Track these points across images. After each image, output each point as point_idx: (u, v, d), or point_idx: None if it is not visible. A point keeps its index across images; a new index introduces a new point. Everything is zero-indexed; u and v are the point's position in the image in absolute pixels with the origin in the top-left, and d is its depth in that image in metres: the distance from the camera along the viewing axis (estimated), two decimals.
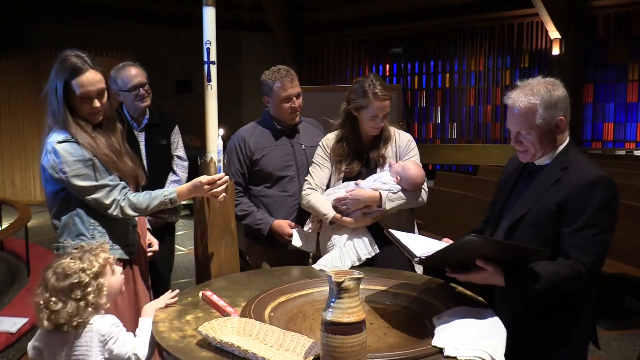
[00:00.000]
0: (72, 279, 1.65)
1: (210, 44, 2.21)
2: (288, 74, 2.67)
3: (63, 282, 1.65)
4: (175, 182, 3.19)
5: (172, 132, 3.25)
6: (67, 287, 1.65)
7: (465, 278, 1.76)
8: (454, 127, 13.02)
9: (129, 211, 2.05)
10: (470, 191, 5.64)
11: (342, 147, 2.58)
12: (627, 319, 4.26)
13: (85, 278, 1.67)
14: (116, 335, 1.68)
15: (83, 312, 1.65)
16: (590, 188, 1.71)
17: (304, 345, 1.50)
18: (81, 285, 1.66)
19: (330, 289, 1.37)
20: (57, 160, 1.97)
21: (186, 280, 5.29)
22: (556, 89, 1.80)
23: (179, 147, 3.29)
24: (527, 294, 1.71)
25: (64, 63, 2.01)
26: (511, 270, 1.70)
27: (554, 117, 1.78)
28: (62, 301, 1.64)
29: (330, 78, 14.38)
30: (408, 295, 1.94)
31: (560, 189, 1.76)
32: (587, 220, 1.70)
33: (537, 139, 1.80)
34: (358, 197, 2.43)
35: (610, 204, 1.73)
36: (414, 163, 2.50)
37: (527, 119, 1.79)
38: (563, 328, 1.81)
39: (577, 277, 1.68)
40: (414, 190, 2.47)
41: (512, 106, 1.83)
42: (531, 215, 1.80)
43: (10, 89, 9.93)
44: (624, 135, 11.27)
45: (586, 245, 1.70)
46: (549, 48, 11.35)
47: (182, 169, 3.28)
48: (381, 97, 2.45)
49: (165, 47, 12.95)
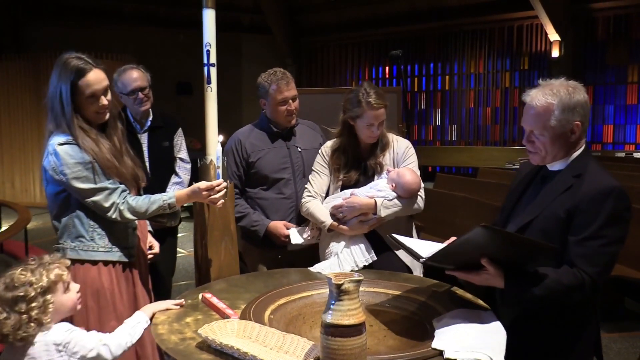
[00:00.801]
0: (18, 291, 1.61)
1: (210, 46, 2.22)
2: (284, 77, 2.67)
3: (10, 292, 1.61)
4: (177, 184, 3.19)
5: (175, 134, 3.26)
6: (12, 299, 1.61)
7: (465, 277, 1.74)
8: (454, 129, 13.03)
9: (127, 215, 2.05)
10: (470, 193, 5.64)
11: (339, 156, 2.58)
12: (627, 321, 4.26)
13: (32, 292, 1.62)
14: (74, 339, 1.66)
15: (26, 326, 1.60)
16: (602, 198, 1.67)
17: (303, 347, 1.50)
18: (26, 299, 1.61)
19: (330, 291, 1.37)
20: (57, 162, 1.98)
21: (186, 283, 5.29)
22: (577, 93, 1.74)
23: (182, 149, 3.29)
24: (525, 299, 1.68)
25: (66, 66, 2.01)
26: (512, 273, 1.68)
27: (569, 120, 1.73)
28: (6, 312, 1.60)
29: (330, 80, 14.39)
30: (408, 298, 1.93)
31: (571, 196, 1.71)
32: (596, 231, 1.66)
33: (549, 140, 1.76)
34: (353, 204, 2.43)
35: (621, 215, 1.69)
36: (410, 170, 2.49)
37: (542, 119, 1.74)
38: (565, 339, 1.77)
39: (580, 286, 1.65)
40: (409, 198, 2.46)
41: (529, 104, 1.78)
42: (539, 221, 1.76)
43: (10, 91, 9.94)
44: (624, 137, 11.28)
45: (592, 255, 1.66)
46: (549, 50, 11.37)
47: (184, 171, 3.28)
48: (375, 106, 2.44)
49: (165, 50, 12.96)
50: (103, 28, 12.09)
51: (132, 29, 12.61)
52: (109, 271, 2.08)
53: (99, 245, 2.07)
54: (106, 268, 2.08)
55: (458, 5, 12.19)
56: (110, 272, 2.08)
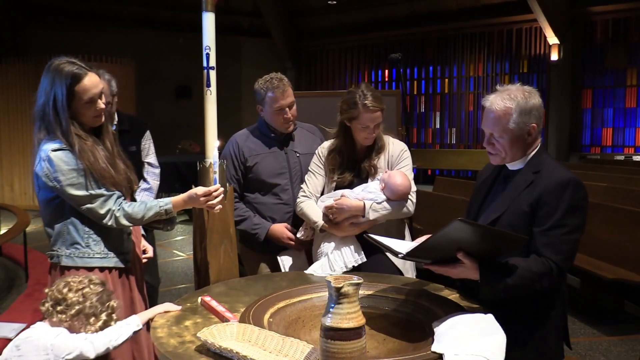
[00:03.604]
0: (108, 295, 1.82)
1: (210, 49, 2.21)
2: (280, 84, 2.63)
3: (108, 295, 1.82)
4: (145, 190, 3.09)
5: (143, 138, 3.15)
6: (107, 299, 1.81)
7: (442, 271, 1.81)
8: (453, 132, 13.05)
9: (123, 221, 2.02)
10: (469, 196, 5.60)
11: (335, 157, 2.58)
12: (627, 324, 4.26)
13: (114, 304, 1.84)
14: (58, 342, 1.69)
15: (96, 319, 1.77)
16: (560, 189, 1.79)
17: (303, 350, 1.49)
18: (109, 307, 1.81)
19: (329, 295, 1.37)
20: (51, 168, 1.94)
21: (185, 286, 5.29)
22: (532, 97, 1.86)
23: (150, 153, 3.18)
24: (500, 288, 1.76)
25: (59, 71, 1.96)
26: (486, 265, 1.76)
27: (526, 123, 1.85)
28: (100, 303, 1.78)
29: (329, 83, 14.42)
30: (407, 301, 1.93)
31: (533, 191, 1.83)
32: (558, 220, 1.77)
33: (508, 142, 1.88)
34: (342, 206, 2.43)
35: (579, 205, 1.81)
36: (401, 173, 2.47)
37: (501, 122, 1.86)
38: (535, 326, 1.86)
39: (549, 273, 1.76)
40: (398, 200, 2.45)
41: (488, 108, 1.90)
42: (506, 216, 1.87)
43: (10, 94, 9.95)
44: (623, 140, 11.30)
45: (556, 244, 1.77)
46: (548, 53, 11.40)
47: (153, 177, 3.17)
48: (371, 108, 2.43)
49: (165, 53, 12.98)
50: (103, 31, 12.12)
51: (131, 32, 12.64)
52: (105, 277, 2.04)
53: (95, 251, 2.04)
54: (102, 274, 2.04)
55: (457, 8, 12.23)
56: (106, 278, 2.04)
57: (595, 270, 4.17)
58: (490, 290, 1.78)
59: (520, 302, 1.83)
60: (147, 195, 3.07)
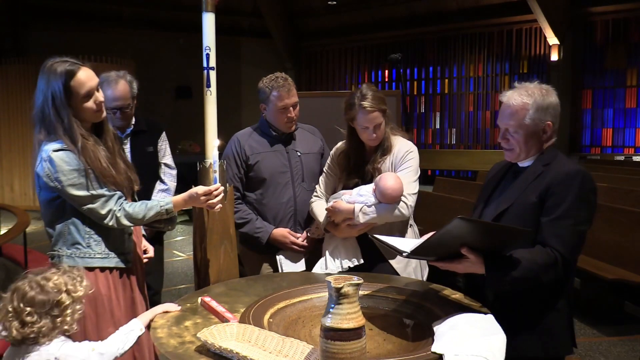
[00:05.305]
0: (53, 296, 1.60)
1: (210, 49, 2.21)
2: (285, 84, 2.65)
3: (44, 296, 1.60)
4: (163, 191, 3.11)
5: (159, 139, 3.17)
6: (46, 302, 1.59)
7: (448, 266, 1.81)
8: (453, 133, 13.06)
9: (124, 221, 2.02)
10: (469, 197, 5.64)
11: (343, 158, 2.59)
12: (627, 324, 4.25)
13: (67, 300, 1.62)
14: (64, 352, 1.63)
15: (52, 332, 1.60)
16: (569, 180, 1.79)
17: (303, 351, 1.49)
18: (61, 305, 1.62)
19: (329, 295, 1.37)
20: (52, 169, 1.93)
21: (185, 286, 5.29)
22: (550, 95, 1.89)
23: (167, 154, 3.20)
24: (506, 281, 1.75)
25: (53, 71, 1.96)
26: (491, 258, 1.75)
27: (542, 120, 1.87)
28: (37, 315, 1.58)
29: (329, 84, 14.42)
30: (408, 301, 1.93)
31: (542, 181, 1.84)
32: (566, 211, 1.77)
33: (523, 138, 1.88)
34: (336, 209, 2.45)
35: (588, 197, 1.81)
36: (393, 175, 2.41)
37: (517, 117, 1.87)
38: (542, 316, 1.85)
39: (554, 264, 1.75)
40: (390, 204, 2.39)
41: (506, 103, 1.91)
42: (514, 208, 1.87)
43: (10, 95, 9.95)
44: (623, 140, 11.30)
45: (562, 234, 1.77)
46: (548, 54, 11.40)
47: (170, 178, 3.18)
48: (367, 109, 2.40)
49: (165, 53, 12.99)
50: (103, 32, 12.12)
51: (131, 32, 12.65)
52: (106, 277, 2.05)
53: (96, 251, 2.04)
54: (103, 274, 2.05)
55: (457, 9, 12.24)
56: (107, 279, 2.06)
57: (596, 271, 4.17)
58: (496, 283, 1.78)
59: (523, 296, 1.82)
60: (165, 196, 3.05)
